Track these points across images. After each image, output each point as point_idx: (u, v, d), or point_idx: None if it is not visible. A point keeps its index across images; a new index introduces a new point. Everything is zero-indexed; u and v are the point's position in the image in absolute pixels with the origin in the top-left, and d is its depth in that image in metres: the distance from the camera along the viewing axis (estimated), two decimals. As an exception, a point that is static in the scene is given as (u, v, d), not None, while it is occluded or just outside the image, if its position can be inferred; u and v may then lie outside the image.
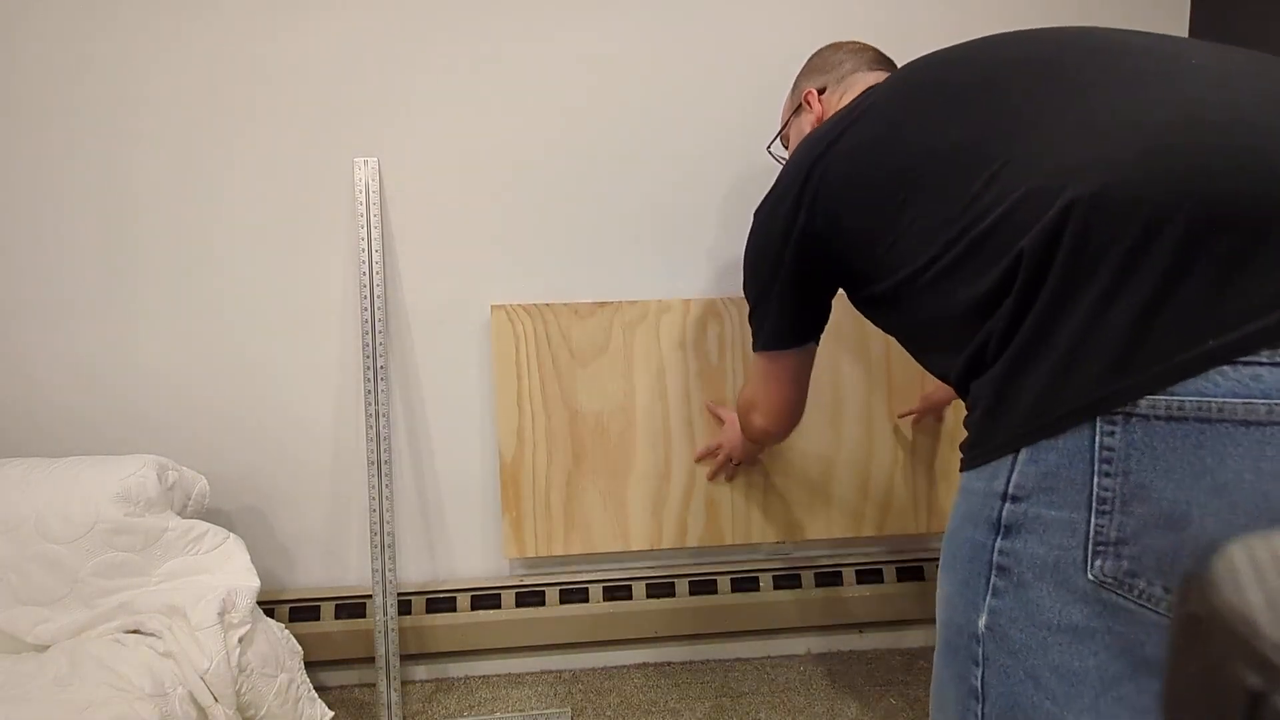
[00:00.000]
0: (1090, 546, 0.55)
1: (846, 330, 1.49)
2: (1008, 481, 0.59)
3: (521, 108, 1.43)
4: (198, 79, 1.37)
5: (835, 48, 1.10)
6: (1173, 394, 0.51)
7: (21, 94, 1.35)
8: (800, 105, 1.08)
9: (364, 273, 1.41)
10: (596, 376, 1.47)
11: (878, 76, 1.00)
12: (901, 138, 0.72)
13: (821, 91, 1.06)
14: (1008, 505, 0.59)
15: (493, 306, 1.44)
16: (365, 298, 1.41)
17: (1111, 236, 0.53)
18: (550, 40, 1.41)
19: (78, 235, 1.40)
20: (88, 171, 1.38)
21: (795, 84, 1.13)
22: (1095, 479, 0.54)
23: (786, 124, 1.15)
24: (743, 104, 1.45)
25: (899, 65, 0.95)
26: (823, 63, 1.09)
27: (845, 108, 0.82)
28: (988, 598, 0.61)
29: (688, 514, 1.52)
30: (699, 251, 1.50)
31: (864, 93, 0.82)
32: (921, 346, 0.79)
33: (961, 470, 0.66)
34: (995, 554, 0.61)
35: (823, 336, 0.97)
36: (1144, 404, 0.52)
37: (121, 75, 1.35)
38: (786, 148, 1.16)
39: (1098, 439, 0.54)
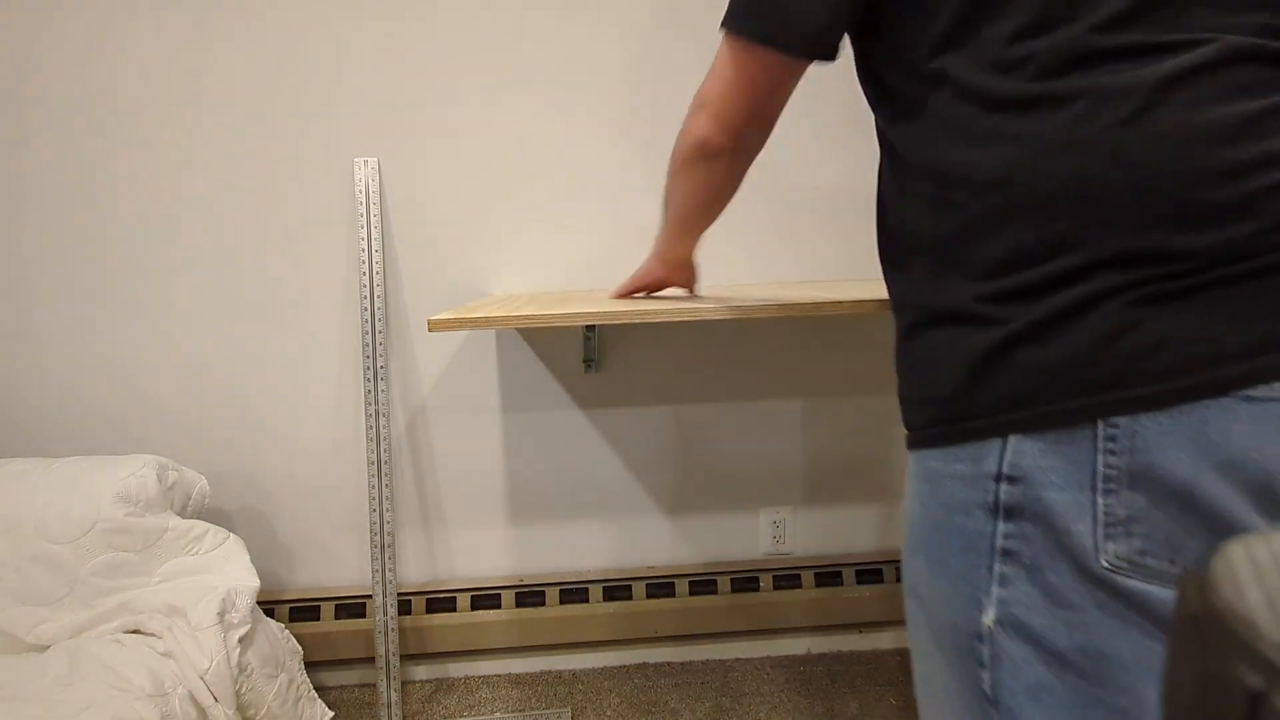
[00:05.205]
0: (1100, 529, 0.52)
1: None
2: (1000, 461, 0.55)
3: (521, 107, 1.42)
4: (200, 79, 1.37)
5: None
6: None
7: (25, 93, 1.35)
8: None
9: (364, 273, 1.41)
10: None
11: None
12: None
13: None
14: (1004, 486, 0.55)
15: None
16: (365, 298, 1.41)
17: None
18: (548, 38, 1.41)
19: (78, 235, 1.40)
20: (88, 171, 1.38)
21: None
22: (1099, 456, 0.51)
23: None
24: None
25: None
26: None
27: None
28: (994, 588, 0.57)
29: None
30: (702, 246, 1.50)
31: None
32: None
33: (919, 447, 0.60)
34: (999, 539, 0.56)
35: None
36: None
37: (124, 76, 1.35)
38: None
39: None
